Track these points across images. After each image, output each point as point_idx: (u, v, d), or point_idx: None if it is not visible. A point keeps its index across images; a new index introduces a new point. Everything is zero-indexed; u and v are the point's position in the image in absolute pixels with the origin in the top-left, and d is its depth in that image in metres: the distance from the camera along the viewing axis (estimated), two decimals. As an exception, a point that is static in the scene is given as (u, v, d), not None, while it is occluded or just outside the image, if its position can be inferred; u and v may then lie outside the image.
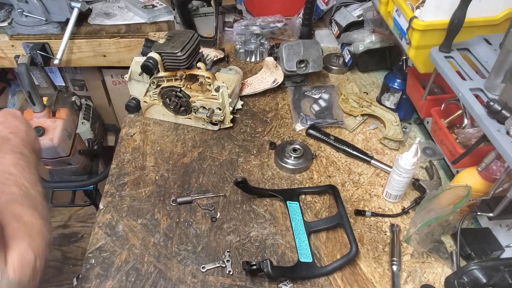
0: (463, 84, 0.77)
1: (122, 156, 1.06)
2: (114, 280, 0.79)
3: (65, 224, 2.30)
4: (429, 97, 0.95)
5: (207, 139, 1.11)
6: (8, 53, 1.51)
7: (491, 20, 0.86)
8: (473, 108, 0.72)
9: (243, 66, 1.36)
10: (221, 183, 0.99)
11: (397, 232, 0.86)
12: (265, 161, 1.04)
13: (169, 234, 0.88)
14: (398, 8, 0.95)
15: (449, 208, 0.74)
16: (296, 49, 1.18)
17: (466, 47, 0.84)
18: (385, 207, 0.94)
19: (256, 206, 0.93)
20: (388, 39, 1.25)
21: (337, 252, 0.85)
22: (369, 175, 1.01)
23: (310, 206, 0.94)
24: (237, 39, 1.42)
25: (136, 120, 1.16)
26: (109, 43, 1.51)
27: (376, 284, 0.79)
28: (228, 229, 0.89)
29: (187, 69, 1.04)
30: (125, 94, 1.17)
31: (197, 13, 1.41)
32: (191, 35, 1.05)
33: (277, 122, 1.16)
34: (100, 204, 0.94)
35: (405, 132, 1.10)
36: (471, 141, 0.84)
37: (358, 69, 1.34)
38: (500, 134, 0.67)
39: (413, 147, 0.82)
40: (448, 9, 0.80)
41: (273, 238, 0.87)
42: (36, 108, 1.32)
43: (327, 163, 1.04)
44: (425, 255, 0.84)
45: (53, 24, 1.48)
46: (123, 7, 1.61)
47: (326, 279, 0.80)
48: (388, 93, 1.13)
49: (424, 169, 1.01)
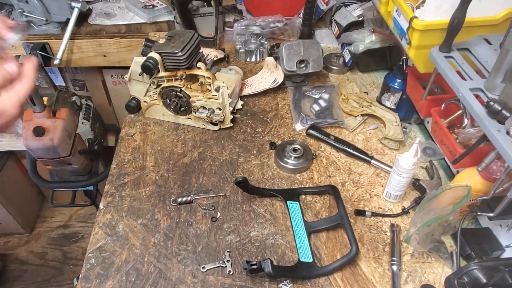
0: (463, 84, 0.77)
1: (122, 156, 1.06)
2: (114, 280, 0.79)
3: (66, 224, 2.30)
4: (429, 97, 0.95)
5: (207, 139, 1.11)
6: (8, 53, 1.51)
7: (491, 20, 0.86)
8: (473, 108, 0.72)
9: (243, 66, 1.36)
10: (221, 183, 0.99)
11: (397, 232, 0.86)
12: (265, 161, 1.04)
13: (169, 234, 0.88)
14: (398, 8, 0.95)
15: (449, 208, 0.74)
16: (296, 49, 1.18)
17: (466, 47, 0.84)
18: (385, 207, 0.94)
19: (256, 206, 0.93)
20: (388, 39, 1.25)
21: (337, 252, 0.85)
22: (369, 175, 1.01)
23: (310, 206, 0.94)
24: (237, 39, 1.42)
25: (136, 120, 1.17)
26: (109, 43, 1.51)
27: (376, 284, 0.79)
28: (228, 229, 0.89)
29: (187, 69, 1.04)
30: (125, 94, 1.17)
31: (197, 13, 1.41)
32: (191, 35, 1.05)
33: (277, 122, 1.16)
34: (100, 204, 0.94)
35: (405, 132, 1.10)
36: (471, 141, 0.84)
37: (358, 69, 1.34)
38: (500, 134, 0.67)
39: (413, 147, 0.82)
40: (448, 9, 0.80)
41: (273, 238, 0.87)
42: (36, 108, 1.32)
43: (327, 163, 1.04)
44: (425, 255, 0.84)
45: (53, 24, 1.48)
46: (123, 7, 1.61)
47: (326, 279, 0.80)
48: (388, 93, 1.13)
49: (424, 169, 1.01)
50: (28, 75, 0.63)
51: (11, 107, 0.59)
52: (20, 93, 0.60)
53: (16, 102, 0.59)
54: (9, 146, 1.82)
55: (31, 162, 1.54)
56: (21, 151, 1.97)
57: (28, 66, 0.63)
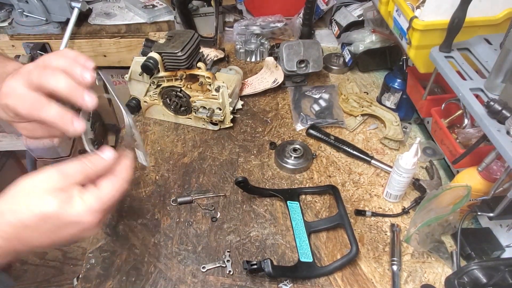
0: (463, 84, 0.77)
1: (122, 156, 1.05)
2: (114, 280, 0.79)
3: (65, 224, 2.30)
4: (429, 97, 0.95)
5: (207, 139, 1.11)
6: (8, 53, 1.51)
7: (491, 20, 0.86)
8: (473, 108, 0.72)
9: (243, 66, 1.36)
10: (221, 183, 0.99)
11: (397, 232, 0.86)
12: (265, 161, 1.04)
13: (169, 234, 0.88)
14: (398, 8, 0.95)
15: (449, 208, 0.74)
16: (296, 49, 1.18)
17: (466, 47, 0.84)
18: (385, 207, 0.94)
19: (256, 206, 0.93)
20: (389, 39, 1.25)
21: (337, 252, 0.85)
22: (369, 175, 1.01)
23: (310, 206, 0.94)
24: (237, 39, 1.42)
25: (136, 120, 1.16)
26: (109, 43, 1.51)
27: (377, 284, 0.79)
28: (228, 229, 0.89)
29: (187, 69, 1.04)
30: (125, 94, 1.17)
31: (197, 13, 1.41)
32: (191, 35, 1.05)
33: (277, 122, 1.16)
34: (100, 204, 0.94)
35: (405, 132, 1.10)
36: (471, 141, 0.84)
37: (358, 69, 1.34)
38: (501, 134, 0.67)
39: (414, 147, 0.82)
40: (448, 9, 0.80)
41: (274, 238, 0.87)
42: (36, 108, 1.32)
43: (327, 163, 1.04)
44: (425, 255, 0.84)
45: (53, 24, 1.48)
46: (123, 7, 1.61)
47: (327, 279, 0.80)
48: (388, 93, 1.13)
49: (425, 169, 1.01)
50: (121, 173, 0.51)
51: (87, 214, 0.46)
52: (104, 196, 0.47)
53: (96, 207, 0.47)
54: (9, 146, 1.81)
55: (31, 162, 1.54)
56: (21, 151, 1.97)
57: (124, 162, 0.51)
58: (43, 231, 0.47)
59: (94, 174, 0.48)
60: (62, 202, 0.46)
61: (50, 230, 0.47)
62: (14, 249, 0.48)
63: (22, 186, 0.49)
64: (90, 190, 0.48)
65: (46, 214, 0.46)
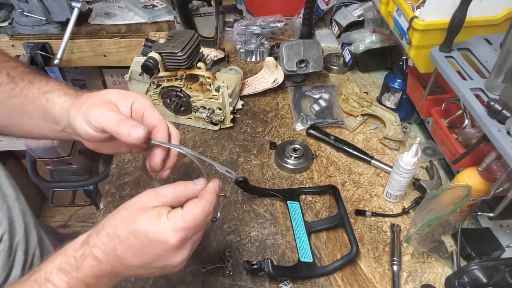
0: (464, 84, 0.77)
1: (122, 156, 1.05)
2: (114, 280, 0.79)
3: (65, 224, 2.30)
4: (430, 97, 0.95)
5: (208, 139, 1.11)
6: (8, 53, 1.51)
7: (491, 20, 0.86)
8: (473, 108, 0.72)
9: (243, 66, 1.36)
10: (221, 183, 0.98)
11: (398, 232, 0.86)
12: (266, 161, 1.04)
13: (169, 234, 0.88)
14: (398, 8, 0.95)
15: (450, 208, 0.74)
16: (296, 49, 1.18)
17: (467, 47, 0.84)
18: (385, 207, 0.94)
19: (256, 206, 0.93)
20: (389, 39, 1.25)
21: (337, 252, 0.85)
22: (370, 175, 1.01)
23: (311, 206, 0.94)
24: (237, 39, 1.42)
25: (137, 120, 1.16)
26: (110, 43, 1.51)
27: (377, 284, 0.79)
28: (228, 229, 0.89)
29: (187, 69, 1.04)
30: (125, 94, 1.17)
31: (197, 13, 1.41)
32: (191, 35, 1.05)
33: (277, 122, 1.16)
34: (101, 204, 0.94)
35: (406, 132, 1.10)
36: (472, 141, 0.84)
37: (358, 69, 1.34)
38: (501, 134, 0.67)
39: (414, 147, 0.82)
40: (449, 9, 0.80)
41: (274, 238, 0.87)
42: (36, 108, 1.32)
43: (327, 163, 1.04)
44: (425, 255, 0.84)
45: (53, 24, 1.48)
46: (123, 7, 1.61)
47: (327, 279, 0.80)
48: (388, 93, 1.13)
49: (425, 169, 1.01)
50: (205, 196, 0.54)
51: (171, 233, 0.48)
52: (187, 215, 0.50)
53: (180, 225, 0.48)
54: (9, 146, 1.82)
55: (31, 162, 1.54)
56: (21, 151, 1.97)
57: (209, 186, 0.55)
58: (134, 248, 0.49)
59: (184, 197, 0.53)
60: (151, 218, 0.49)
61: (138, 248, 0.49)
62: (112, 266, 0.50)
63: (125, 204, 0.53)
64: (176, 210, 0.51)
65: (136, 228, 0.49)
